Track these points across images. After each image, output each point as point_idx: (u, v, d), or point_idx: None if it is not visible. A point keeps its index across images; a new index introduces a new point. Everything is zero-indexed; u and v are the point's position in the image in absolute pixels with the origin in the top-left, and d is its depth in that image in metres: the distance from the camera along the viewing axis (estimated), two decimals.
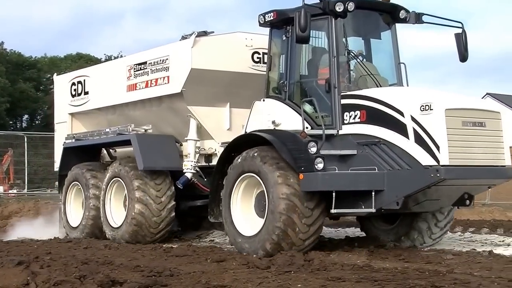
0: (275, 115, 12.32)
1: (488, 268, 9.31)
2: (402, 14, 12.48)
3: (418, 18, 12.66)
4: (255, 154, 11.61)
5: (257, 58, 13.90)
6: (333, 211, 11.03)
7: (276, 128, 12.20)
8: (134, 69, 14.72)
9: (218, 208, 12.62)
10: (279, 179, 11.22)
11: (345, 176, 11.16)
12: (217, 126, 14.01)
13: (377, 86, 12.12)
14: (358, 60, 12.17)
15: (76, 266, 9.51)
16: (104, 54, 61.42)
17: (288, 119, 12.19)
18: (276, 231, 11.11)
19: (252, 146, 11.91)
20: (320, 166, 11.08)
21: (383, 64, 12.54)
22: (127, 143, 14.68)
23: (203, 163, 14.23)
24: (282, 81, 12.40)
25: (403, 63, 12.67)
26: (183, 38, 13.88)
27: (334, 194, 11.00)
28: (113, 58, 53.27)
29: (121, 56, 46.05)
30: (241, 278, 8.58)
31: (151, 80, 14.30)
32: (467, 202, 11.58)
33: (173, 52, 13.87)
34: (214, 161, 13.91)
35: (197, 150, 14.06)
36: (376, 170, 11.14)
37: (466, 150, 10.78)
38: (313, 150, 11.19)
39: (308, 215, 11.11)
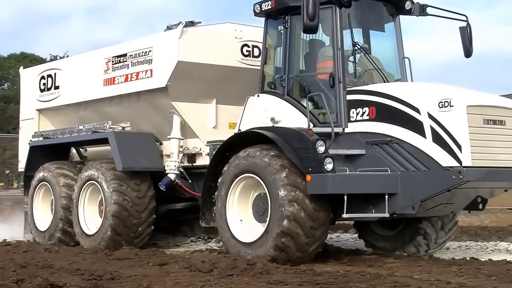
0: (273, 111, 11.25)
1: (427, 271, 9.26)
2: (407, 5, 11.54)
3: (422, 10, 11.72)
4: (256, 153, 10.50)
5: (247, 51, 12.81)
6: (344, 215, 10.01)
7: (275, 125, 11.06)
8: (113, 61, 13.48)
9: (210, 212, 11.52)
10: (284, 179, 10.17)
11: (358, 177, 10.15)
12: (202, 123, 12.87)
13: (384, 81, 11.11)
14: (365, 53, 11.11)
15: (14, 270, 9.05)
16: (50, 54, 59.15)
17: (288, 116, 11.16)
18: (280, 237, 10.09)
19: (250, 145, 10.77)
20: (329, 166, 10.04)
21: (386, 58, 11.56)
22: (103, 141, 13.40)
23: (186, 164, 13.02)
24: (280, 75, 11.29)
25: (407, 57, 11.67)
26: (168, 28, 12.74)
27: (346, 197, 9.90)
28: (58, 58, 51.25)
29: (68, 56, 44.31)
30: (183, 282, 8.34)
31: (131, 74, 13.09)
32: (480, 206, 10.66)
33: (157, 43, 12.68)
34: (199, 161, 12.86)
35: (181, 150, 12.82)
36: (389, 172, 10.04)
37: (487, 150, 9.86)
38: (321, 149, 10.15)
39: (315, 218, 10.12)
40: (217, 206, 11.12)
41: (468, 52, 11.54)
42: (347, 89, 10.73)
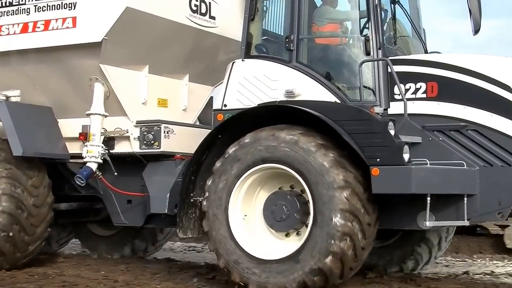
0: (284, 82, 8.00)
1: (96, 270, 9.07)
2: None
3: None
4: (289, 136, 7.30)
5: (195, 6, 9.43)
6: (428, 223, 7.10)
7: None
8: None
9: (187, 218, 7.98)
10: (337, 175, 7.16)
11: (442, 173, 7.33)
12: (131, 97, 9.29)
13: (425, 52, 8.43)
14: (407, 15, 8.35)
15: None
16: None
17: (304, 88, 7.94)
18: (326, 256, 7.08)
19: (257, 126, 7.66)
20: (407, 157, 7.13)
21: (407, 27, 8.78)
22: None
23: None
24: (286, 36, 8.09)
25: (423, 27, 9.03)
26: None
27: (429, 199, 7.08)
28: None
29: None
30: None
31: (35, 22, 9.09)
32: None
33: None
34: (120, 148, 9.45)
35: (103, 131, 9.04)
36: (465, 166, 7.35)
37: None
38: (392, 133, 7.18)
39: (372, 210, 7.33)
40: (209, 208, 7.69)
41: (478, 28, 9.05)
42: (390, 58, 7.81)
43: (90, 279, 8.17)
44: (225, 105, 8.29)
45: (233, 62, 8.42)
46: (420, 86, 7.74)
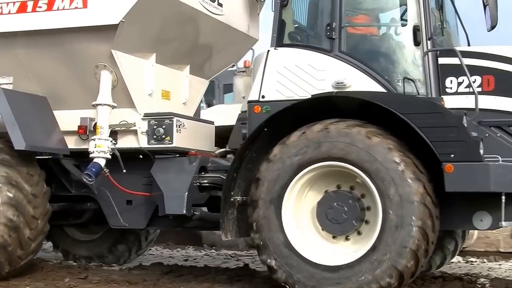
0: (331, 72, 7.31)
1: None
2: None
3: None
4: (351, 130, 6.60)
5: None
6: (504, 223, 6.58)
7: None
8: None
9: (227, 219, 7.10)
10: (407, 170, 6.51)
11: None
12: (139, 87, 8.29)
13: (468, 44, 7.93)
14: (453, 5, 7.82)
15: None
16: None
17: (350, 79, 7.27)
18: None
19: (310, 119, 6.99)
20: (482, 152, 6.56)
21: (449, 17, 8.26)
22: None
23: None
24: (327, 24, 7.44)
25: None
26: None
27: (504, 198, 6.58)
28: None
29: None
30: None
31: (36, 1, 7.98)
32: None
33: None
34: (124, 142, 8.36)
35: (109, 123, 8.07)
36: None
37: None
38: None
39: (437, 202, 6.72)
40: (258, 218, 6.94)
41: (495, 23, 8.59)
42: (439, 49, 7.32)
43: None
44: (263, 96, 7.49)
45: (268, 51, 7.62)
46: (475, 80, 7.22)
